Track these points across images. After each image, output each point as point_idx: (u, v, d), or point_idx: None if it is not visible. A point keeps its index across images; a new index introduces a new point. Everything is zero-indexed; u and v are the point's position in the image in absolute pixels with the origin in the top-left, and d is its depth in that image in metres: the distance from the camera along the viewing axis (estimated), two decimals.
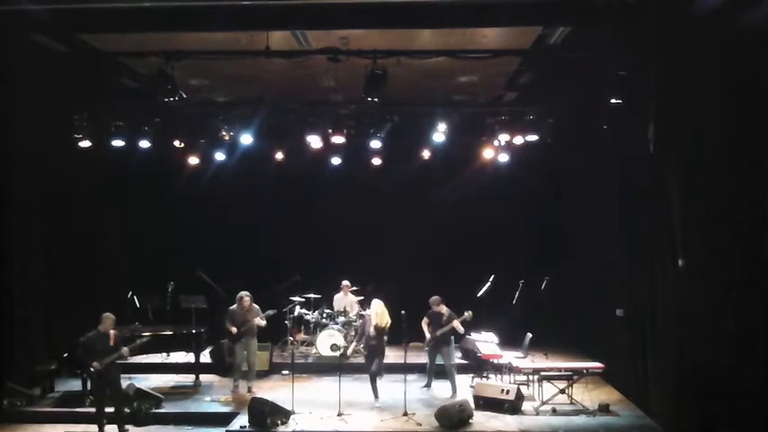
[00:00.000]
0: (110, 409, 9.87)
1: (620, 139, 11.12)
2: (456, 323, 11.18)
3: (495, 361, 11.52)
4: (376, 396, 10.77)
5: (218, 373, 12.49)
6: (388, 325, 10.80)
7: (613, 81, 10.44)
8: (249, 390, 11.36)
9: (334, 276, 13.79)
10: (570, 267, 13.87)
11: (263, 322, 11.42)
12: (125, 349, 9.79)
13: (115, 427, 9.80)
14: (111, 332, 9.79)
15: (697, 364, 8.63)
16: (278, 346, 13.76)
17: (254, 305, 11.45)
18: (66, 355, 11.01)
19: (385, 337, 10.93)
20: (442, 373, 12.23)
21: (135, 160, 13.68)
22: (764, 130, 7.73)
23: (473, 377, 11.99)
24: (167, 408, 10.56)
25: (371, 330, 10.73)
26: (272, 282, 13.59)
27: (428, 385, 11.65)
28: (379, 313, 10.77)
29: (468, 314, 11.19)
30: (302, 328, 13.91)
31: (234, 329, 11.20)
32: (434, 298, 11.39)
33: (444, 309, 11.37)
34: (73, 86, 11.79)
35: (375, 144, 13.24)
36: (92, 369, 9.50)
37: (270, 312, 11.56)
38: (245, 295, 11.38)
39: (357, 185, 14.77)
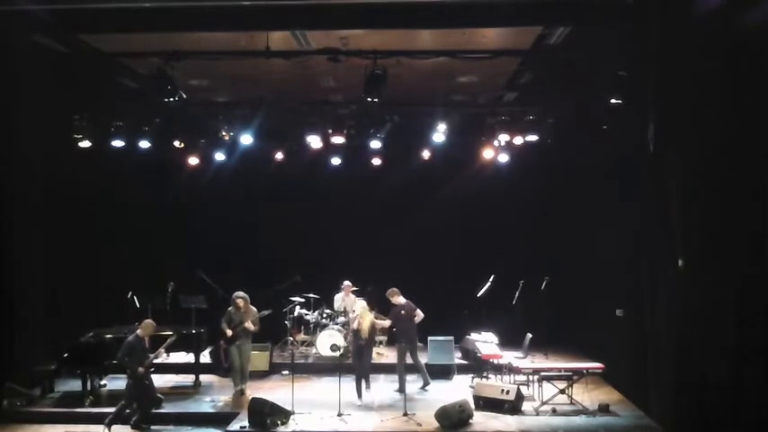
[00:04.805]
0: (110, 409, 9.91)
1: (620, 139, 11.13)
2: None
3: (495, 361, 11.51)
4: (359, 395, 10.77)
5: (217, 373, 12.49)
6: (370, 327, 10.83)
7: (613, 81, 10.47)
8: (242, 392, 11.21)
9: (334, 276, 13.79)
10: (570, 267, 13.87)
11: (253, 327, 11.21)
12: (162, 349, 10.10)
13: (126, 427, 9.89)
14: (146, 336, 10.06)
15: (697, 363, 8.63)
16: (278, 346, 13.75)
17: (252, 307, 11.33)
18: (66, 355, 11.00)
19: (375, 338, 10.94)
20: (442, 372, 12.27)
21: (135, 160, 13.70)
22: (764, 129, 7.74)
23: (473, 377, 11.99)
24: (167, 408, 10.55)
25: (358, 331, 10.79)
26: (272, 282, 13.58)
27: (423, 386, 11.59)
28: (360, 314, 10.79)
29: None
30: (302, 328, 13.90)
31: (229, 332, 11.14)
32: (391, 290, 11.46)
33: (400, 300, 11.40)
34: (73, 86, 11.80)
35: (375, 144, 13.26)
36: (138, 372, 9.71)
37: (264, 312, 11.48)
38: (237, 297, 11.24)
39: (357, 185, 14.77)
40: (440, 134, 12.98)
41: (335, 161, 14.43)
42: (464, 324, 13.03)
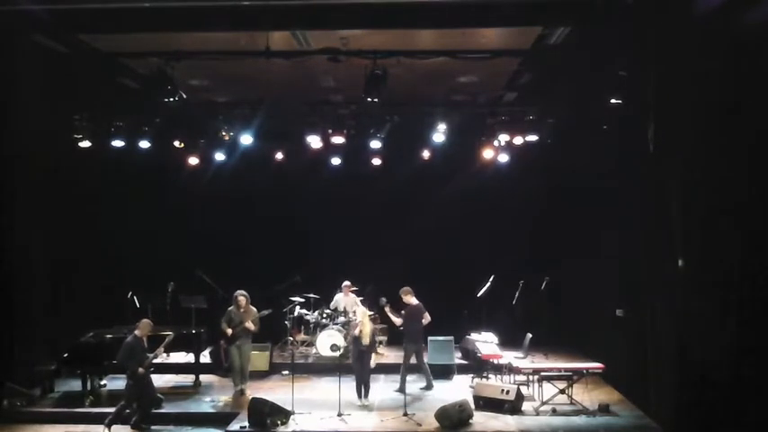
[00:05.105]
0: (110, 409, 9.92)
1: (620, 139, 11.13)
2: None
3: (495, 361, 11.52)
4: (359, 396, 10.79)
5: (217, 373, 12.49)
6: (371, 333, 10.89)
7: (613, 81, 10.46)
8: (242, 392, 11.22)
9: (334, 276, 13.78)
10: (570, 267, 13.87)
11: (253, 327, 11.22)
12: (161, 349, 10.12)
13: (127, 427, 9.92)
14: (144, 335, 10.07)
15: (697, 363, 8.63)
16: (278, 346, 13.75)
17: (252, 307, 11.33)
18: (66, 355, 11.00)
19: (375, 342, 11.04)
20: (442, 372, 12.25)
21: (135, 160, 13.72)
22: (764, 129, 7.73)
23: (473, 377, 11.99)
24: (167, 408, 10.55)
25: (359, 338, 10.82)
26: (272, 282, 13.59)
27: (424, 387, 11.62)
28: (362, 321, 10.83)
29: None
30: (302, 328, 13.90)
31: (229, 331, 11.13)
32: (405, 288, 11.48)
33: (411, 301, 11.45)
34: (73, 86, 11.80)
35: (375, 144, 13.26)
36: (138, 372, 9.73)
37: (264, 312, 11.49)
38: (239, 294, 11.26)
39: (357, 185, 14.77)
40: (440, 134, 13.00)
41: (335, 161, 14.44)
42: (464, 324, 13.04)
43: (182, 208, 14.66)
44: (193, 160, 14.00)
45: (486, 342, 11.97)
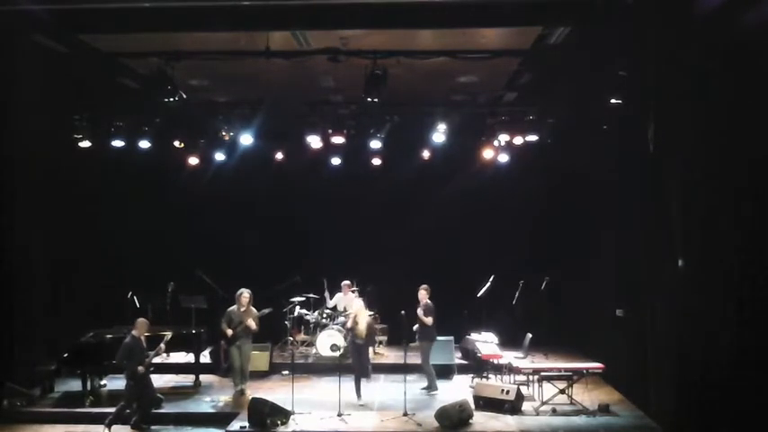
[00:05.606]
0: (110, 409, 9.92)
1: (620, 139, 11.13)
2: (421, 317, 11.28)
3: (495, 361, 11.52)
4: (359, 395, 10.81)
5: (217, 373, 12.49)
6: (367, 327, 10.92)
7: (613, 81, 10.46)
8: (242, 392, 11.20)
9: (334, 277, 13.78)
10: (570, 267, 13.88)
11: (254, 326, 11.20)
12: (162, 346, 10.10)
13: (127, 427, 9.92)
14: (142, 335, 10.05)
15: (697, 363, 8.63)
16: (278, 346, 13.75)
17: (252, 307, 11.32)
18: (66, 355, 10.99)
19: (374, 337, 10.98)
20: (443, 372, 12.25)
21: (135, 160, 13.72)
22: (764, 130, 7.73)
23: (473, 377, 11.99)
24: (167, 408, 10.55)
25: (353, 330, 10.80)
26: (272, 282, 13.58)
27: (428, 388, 11.60)
28: (360, 314, 10.80)
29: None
30: (302, 328, 13.90)
31: (229, 331, 11.12)
32: (425, 286, 11.47)
33: (423, 299, 11.42)
34: (73, 86, 11.80)
35: (375, 144, 13.27)
36: (138, 372, 9.72)
37: (265, 311, 11.48)
38: (244, 291, 11.25)
39: (357, 185, 14.77)
40: (440, 134, 13.01)
41: (335, 161, 14.44)
42: (464, 324, 13.03)
43: (182, 208, 14.66)
44: (193, 160, 14.02)
45: (486, 342, 11.97)
